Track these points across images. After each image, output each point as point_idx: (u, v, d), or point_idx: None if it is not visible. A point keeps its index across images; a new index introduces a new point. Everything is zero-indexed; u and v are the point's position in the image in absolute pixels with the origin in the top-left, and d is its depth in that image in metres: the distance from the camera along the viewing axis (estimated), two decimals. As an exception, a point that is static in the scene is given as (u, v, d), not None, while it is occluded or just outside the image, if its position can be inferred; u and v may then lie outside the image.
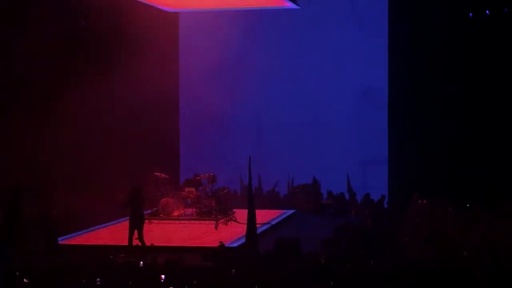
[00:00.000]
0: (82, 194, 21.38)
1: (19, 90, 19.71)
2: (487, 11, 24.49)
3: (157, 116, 25.54)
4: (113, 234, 20.13)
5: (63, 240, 18.80)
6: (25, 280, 13.13)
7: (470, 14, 24.70)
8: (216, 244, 17.45)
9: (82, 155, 21.69)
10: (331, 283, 13.05)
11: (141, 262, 14.73)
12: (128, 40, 23.56)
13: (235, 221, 22.00)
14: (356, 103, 28.01)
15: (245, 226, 20.83)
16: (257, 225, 21.04)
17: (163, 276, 13.25)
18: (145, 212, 21.53)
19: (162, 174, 22.20)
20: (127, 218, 21.56)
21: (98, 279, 13.25)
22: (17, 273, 13.47)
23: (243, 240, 19.10)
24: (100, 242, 18.90)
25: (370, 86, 27.55)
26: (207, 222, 21.25)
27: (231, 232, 20.47)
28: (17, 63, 19.45)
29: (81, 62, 21.81)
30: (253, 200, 16.93)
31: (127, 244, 17.30)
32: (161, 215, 21.68)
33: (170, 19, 27.08)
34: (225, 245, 17.58)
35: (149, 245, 17.33)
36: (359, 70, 27.62)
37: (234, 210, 22.53)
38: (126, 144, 23.55)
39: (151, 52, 24.64)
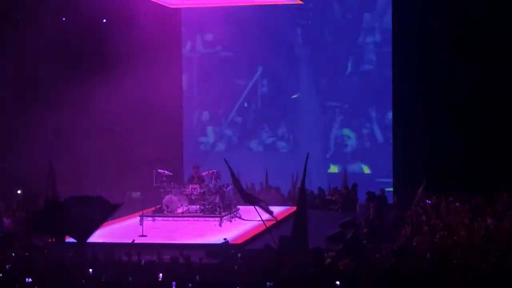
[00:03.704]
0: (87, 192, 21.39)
1: (28, 90, 19.87)
2: None
3: (160, 113, 25.47)
4: (117, 231, 20.09)
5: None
6: (27, 279, 13.07)
7: None
8: (220, 241, 17.38)
9: (87, 154, 21.68)
10: (337, 279, 12.99)
11: (143, 260, 14.66)
12: (130, 37, 23.50)
13: (240, 218, 21.93)
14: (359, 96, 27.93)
15: (253, 222, 20.93)
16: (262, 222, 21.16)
17: (161, 275, 13.18)
18: (149, 210, 21.65)
19: (165, 171, 22.11)
20: (131, 215, 21.72)
21: (103, 278, 13.21)
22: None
23: (246, 237, 19.11)
24: (104, 240, 18.80)
25: (375, 79, 27.46)
26: (211, 219, 21.17)
27: (235, 229, 20.39)
28: (20, 64, 19.53)
29: (82, 60, 21.81)
30: (304, 198, 16.42)
31: (128, 241, 17.26)
32: (164, 212, 21.60)
33: (172, 15, 26.99)
34: (230, 242, 17.50)
35: None
36: (364, 61, 27.53)
37: (238, 207, 22.45)
38: (129, 141, 23.51)
39: (153, 49, 24.57)
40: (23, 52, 19.57)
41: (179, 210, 21.66)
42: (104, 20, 23.63)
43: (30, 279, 13.01)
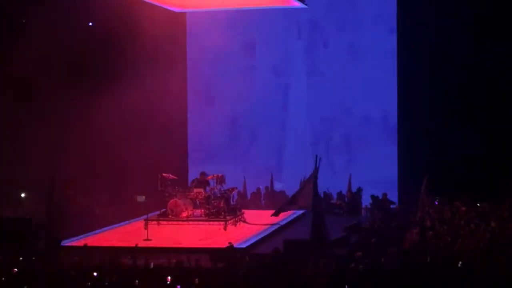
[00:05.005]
0: (92, 196, 21.50)
1: (34, 98, 19.99)
2: None
3: (165, 117, 25.48)
4: (122, 236, 20.10)
5: (72, 242, 18.79)
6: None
7: None
8: (225, 245, 17.38)
9: (92, 159, 21.73)
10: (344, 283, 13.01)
11: (152, 264, 14.68)
12: (135, 42, 23.55)
13: (244, 221, 21.91)
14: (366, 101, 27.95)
15: (258, 226, 20.94)
16: (267, 226, 21.18)
17: (169, 278, 13.19)
18: (153, 213, 21.68)
19: (170, 175, 22.11)
20: (136, 219, 21.74)
21: (106, 283, 13.22)
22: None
23: (251, 241, 19.10)
24: (108, 244, 18.83)
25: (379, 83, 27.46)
26: (216, 223, 21.15)
27: (240, 233, 20.39)
28: (27, 72, 19.62)
29: (87, 66, 21.89)
30: (317, 197, 16.47)
31: (135, 245, 17.27)
32: (169, 216, 21.59)
33: (177, 19, 27.00)
34: (234, 246, 17.50)
35: None
36: (370, 65, 27.56)
37: (243, 210, 22.45)
38: (134, 145, 23.54)
39: (158, 53, 24.60)
40: (27, 59, 19.61)
41: (184, 214, 21.64)
42: (107, 24, 23.63)
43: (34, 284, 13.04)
